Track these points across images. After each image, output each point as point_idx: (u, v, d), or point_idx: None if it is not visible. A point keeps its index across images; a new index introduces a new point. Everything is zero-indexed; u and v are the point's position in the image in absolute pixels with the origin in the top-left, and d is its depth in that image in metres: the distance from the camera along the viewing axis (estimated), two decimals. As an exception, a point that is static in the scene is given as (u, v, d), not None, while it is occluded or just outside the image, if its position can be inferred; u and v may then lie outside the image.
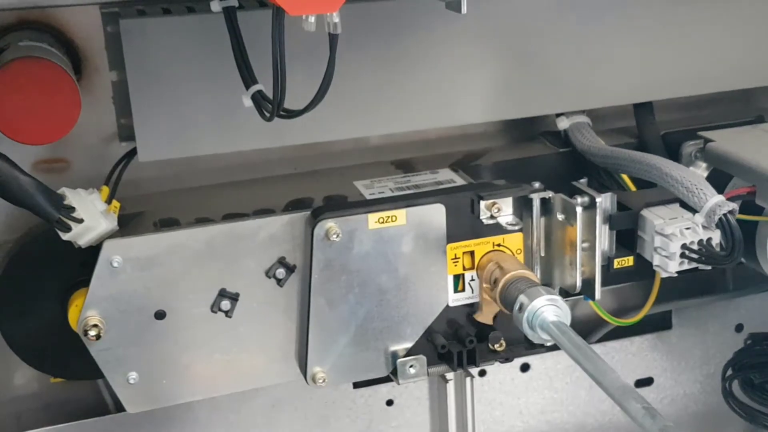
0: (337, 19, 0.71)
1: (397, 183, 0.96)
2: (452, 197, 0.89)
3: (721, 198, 0.86)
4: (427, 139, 1.05)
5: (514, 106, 1.00)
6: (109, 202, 0.85)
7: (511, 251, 0.91)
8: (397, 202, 0.88)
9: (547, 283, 0.94)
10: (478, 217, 0.89)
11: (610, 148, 0.99)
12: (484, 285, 0.89)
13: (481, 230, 0.89)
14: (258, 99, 0.79)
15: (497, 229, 0.90)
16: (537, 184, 0.92)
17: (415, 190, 0.93)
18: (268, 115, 0.78)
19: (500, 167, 1.02)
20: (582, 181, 0.95)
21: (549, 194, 0.91)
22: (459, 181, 0.96)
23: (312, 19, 0.70)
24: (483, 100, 0.98)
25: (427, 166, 1.00)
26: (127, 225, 0.88)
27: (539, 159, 1.04)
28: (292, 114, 0.77)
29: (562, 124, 1.05)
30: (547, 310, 0.80)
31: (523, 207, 0.91)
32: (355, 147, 1.03)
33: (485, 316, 0.91)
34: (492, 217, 0.89)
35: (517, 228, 0.90)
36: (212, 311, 0.87)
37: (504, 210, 0.90)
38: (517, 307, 0.81)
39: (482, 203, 0.89)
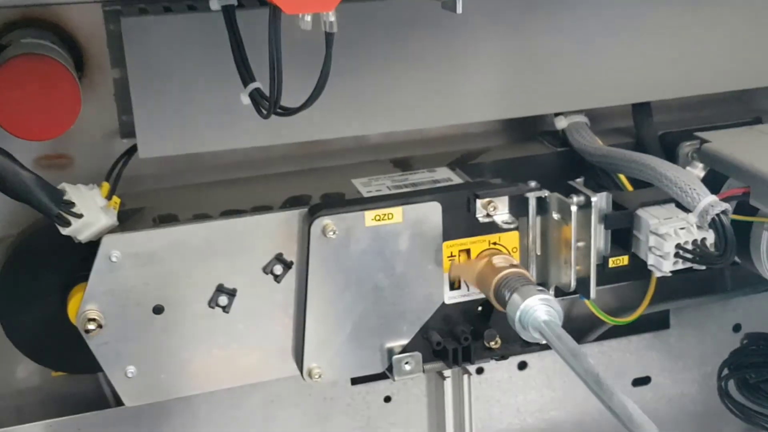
0: (333, 18, 0.72)
1: (394, 181, 0.96)
2: (448, 195, 0.89)
3: (714, 198, 0.87)
4: (425, 138, 1.06)
5: (513, 106, 1.01)
6: (109, 197, 0.86)
7: (507, 250, 0.91)
8: (393, 200, 0.88)
9: (542, 281, 0.94)
10: (474, 215, 0.90)
11: (606, 148, 1.00)
12: (484, 260, 0.89)
13: (477, 228, 0.90)
14: (256, 97, 0.79)
15: (493, 227, 0.90)
16: (533, 183, 0.92)
17: (413, 189, 0.94)
18: (265, 112, 0.79)
19: (498, 166, 1.03)
20: (579, 180, 0.95)
21: (545, 193, 0.92)
22: (456, 179, 0.96)
23: (308, 17, 0.70)
24: (482, 99, 0.99)
25: (426, 164, 1.01)
26: (127, 221, 0.89)
27: (537, 158, 1.05)
28: (288, 112, 0.78)
29: (561, 123, 1.06)
30: (540, 308, 0.81)
31: (519, 206, 0.92)
32: (354, 145, 1.04)
33: (456, 273, 0.91)
34: (488, 215, 0.90)
35: (512, 226, 0.91)
36: (210, 307, 0.87)
37: (500, 208, 0.90)
38: (510, 304, 0.82)
39: (478, 201, 0.89)
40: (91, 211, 0.83)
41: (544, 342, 0.81)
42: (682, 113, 1.11)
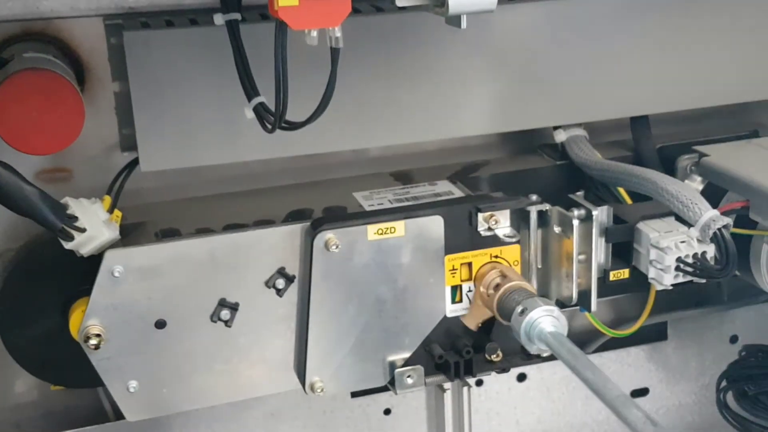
0: (338, 34, 0.73)
1: (396, 194, 0.97)
2: (450, 209, 0.90)
3: (715, 212, 0.87)
4: (426, 151, 1.06)
5: (513, 119, 1.01)
6: (111, 211, 0.86)
7: (508, 263, 0.92)
8: (395, 214, 0.89)
9: (543, 294, 0.94)
10: (476, 228, 0.90)
11: (606, 162, 1.00)
12: (482, 289, 0.90)
13: (478, 242, 0.90)
14: (260, 111, 0.80)
15: (495, 240, 0.91)
16: (534, 197, 0.93)
17: (414, 202, 0.94)
18: (269, 127, 0.79)
19: (498, 179, 1.03)
20: (579, 193, 0.96)
21: (546, 207, 0.92)
22: (457, 192, 0.97)
23: (314, 33, 0.71)
24: (482, 112, 0.99)
25: (426, 177, 1.01)
26: (129, 235, 0.89)
27: (537, 171, 1.05)
28: (293, 126, 0.78)
29: (560, 137, 1.06)
30: (545, 320, 0.81)
31: (520, 219, 0.92)
32: (354, 158, 1.04)
33: (471, 321, 0.91)
34: (490, 229, 0.90)
35: (514, 240, 0.91)
36: (212, 321, 0.87)
37: (502, 222, 0.91)
38: (514, 317, 0.82)
39: (480, 215, 0.90)
40: (93, 225, 0.83)
41: (548, 354, 0.81)
42: (681, 126, 1.12)
